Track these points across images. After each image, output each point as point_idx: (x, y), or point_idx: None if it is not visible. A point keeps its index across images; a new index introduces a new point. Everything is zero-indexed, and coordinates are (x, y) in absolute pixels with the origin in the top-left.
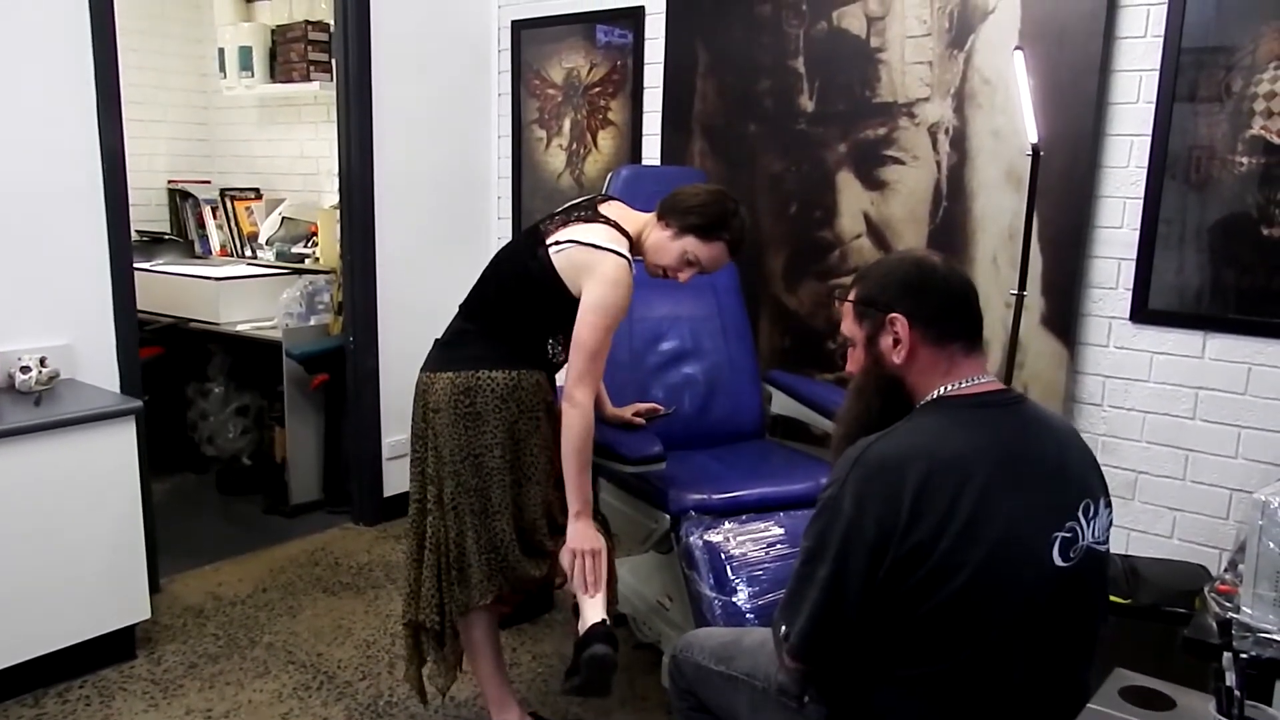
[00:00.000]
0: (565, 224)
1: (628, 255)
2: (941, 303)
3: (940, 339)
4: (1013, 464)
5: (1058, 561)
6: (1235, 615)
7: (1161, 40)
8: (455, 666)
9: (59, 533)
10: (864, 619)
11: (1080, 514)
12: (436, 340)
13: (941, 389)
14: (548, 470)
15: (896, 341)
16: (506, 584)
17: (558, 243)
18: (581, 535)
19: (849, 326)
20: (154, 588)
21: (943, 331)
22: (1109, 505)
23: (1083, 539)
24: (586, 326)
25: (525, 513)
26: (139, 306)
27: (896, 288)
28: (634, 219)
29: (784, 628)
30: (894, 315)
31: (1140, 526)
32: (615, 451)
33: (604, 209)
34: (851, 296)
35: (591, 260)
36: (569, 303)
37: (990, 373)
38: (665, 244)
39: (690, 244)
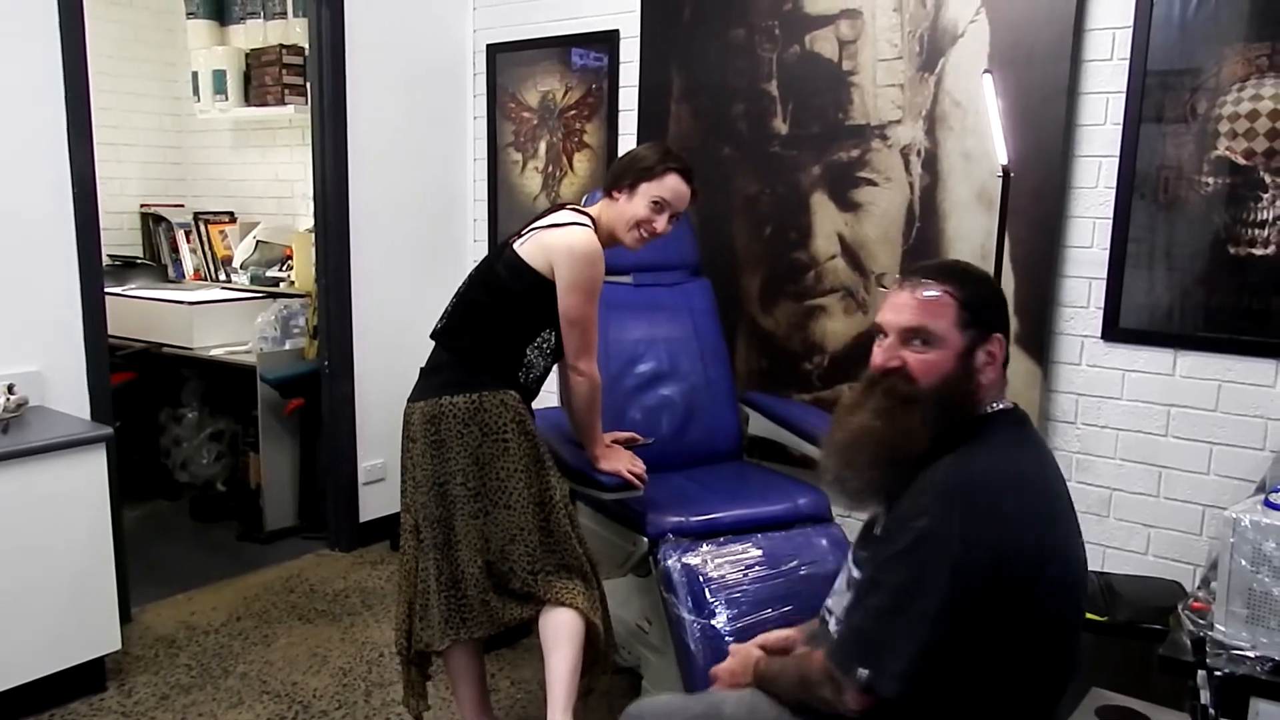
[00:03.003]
0: (525, 227)
1: (590, 226)
2: (1008, 323)
3: (1006, 361)
4: (1060, 483)
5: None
6: (1209, 633)
7: (1127, 63)
8: (421, 695)
9: (26, 562)
10: (977, 651)
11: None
12: (420, 370)
13: (991, 405)
14: (525, 495)
15: (989, 362)
16: (468, 628)
17: (520, 237)
18: (611, 460)
19: (942, 324)
20: (125, 617)
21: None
22: None
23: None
24: (571, 306)
25: (492, 542)
26: (111, 331)
27: (998, 304)
28: (591, 209)
29: (865, 671)
30: (998, 335)
31: (1115, 544)
32: (592, 479)
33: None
34: (955, 293)
35: (558, 238)
36: (542, 290)
37: None
38: (626, 207)
39: (648, 190)
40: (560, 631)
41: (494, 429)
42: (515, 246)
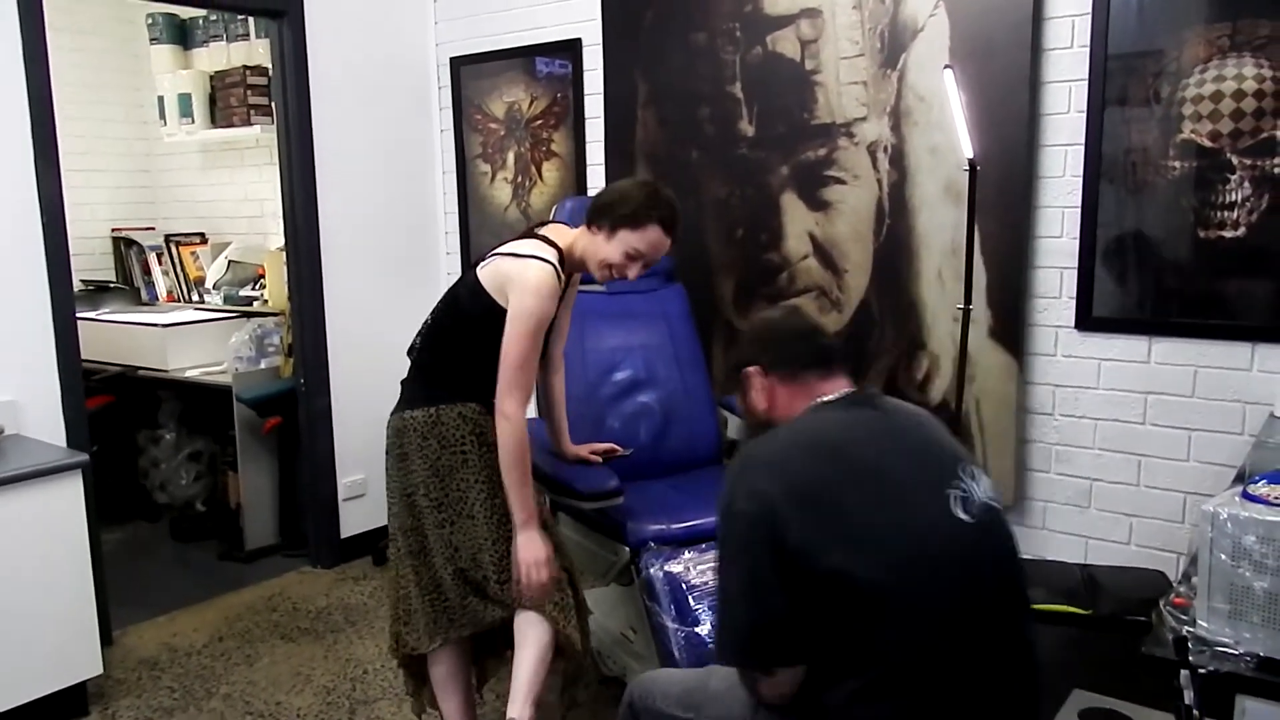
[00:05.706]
0: (496, 247)
1: (552, 261)
2: (787, 344)
3: (794, 374)
4: (891, 440)
5: (961, 515)
6: (1191, 629)
7: (1088, 50)
8: (413, 697)
9: (5, 590)
10: (794, 610)
11: (961, 474)
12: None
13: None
14: (487, 505)
15: (758, 390)
16: (455, 628)
17: (485, 261)
18: (526, 545)
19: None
20: (106, 641)
21: (795, 368)
22: (982, 470)
23: (976, 496)
24: (510, 335)
25: (462, 551)
26: (86, 356)
27: (750, 345)
28: (565, 233)
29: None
30: (747, 370)
31: (1098, 534)
32: (571, 488)
33: (537, 230)
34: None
35: (514, 269)
36: (495, 316)
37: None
38: (602, 245)
39: (626, 237)
40: (528, 630)
41: (452, 441)
42: (478, 270)
